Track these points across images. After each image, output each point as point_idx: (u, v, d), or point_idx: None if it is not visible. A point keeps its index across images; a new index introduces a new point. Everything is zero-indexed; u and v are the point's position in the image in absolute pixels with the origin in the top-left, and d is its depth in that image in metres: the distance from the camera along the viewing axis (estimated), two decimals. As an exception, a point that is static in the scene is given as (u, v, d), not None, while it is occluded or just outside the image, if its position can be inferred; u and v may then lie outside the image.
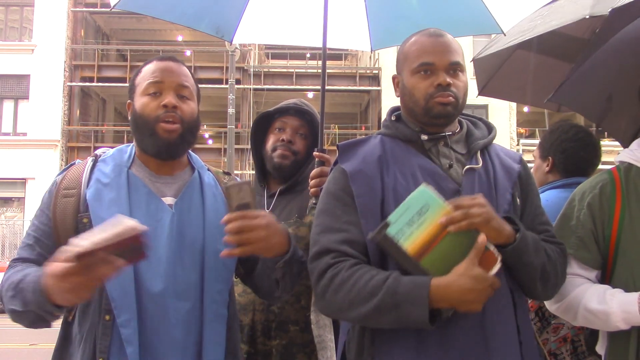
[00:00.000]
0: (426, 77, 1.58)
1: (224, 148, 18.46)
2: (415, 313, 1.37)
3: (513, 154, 1.72)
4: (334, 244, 1.50)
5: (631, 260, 1.70)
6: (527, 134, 22.26)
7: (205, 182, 1.70)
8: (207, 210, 1.65)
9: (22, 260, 1.57)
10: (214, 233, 1.61)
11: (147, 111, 1.61)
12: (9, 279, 1.50)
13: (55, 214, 1.57)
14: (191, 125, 1.65)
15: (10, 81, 19.56)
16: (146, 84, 1.64)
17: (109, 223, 1.31)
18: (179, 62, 1.71)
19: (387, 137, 1.66)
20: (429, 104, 1.58)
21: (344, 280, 1.44)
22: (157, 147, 1.62)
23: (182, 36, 22.61)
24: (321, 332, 2.08)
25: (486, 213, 1.43)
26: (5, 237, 17.80)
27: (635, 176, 1.76)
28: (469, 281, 1.37)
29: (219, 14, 2.57)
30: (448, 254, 1.41)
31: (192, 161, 1.76)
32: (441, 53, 1.58)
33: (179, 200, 1.63)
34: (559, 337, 2.18)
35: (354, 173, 1.57)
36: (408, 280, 1.40)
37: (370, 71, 21.52)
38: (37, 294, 1.38)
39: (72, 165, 1.69)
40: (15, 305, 1.45)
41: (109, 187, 1.58)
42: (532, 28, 2.57)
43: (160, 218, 1.58)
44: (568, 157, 2.44)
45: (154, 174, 1.66)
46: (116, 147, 1.73)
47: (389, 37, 2.62)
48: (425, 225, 1.41)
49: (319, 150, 2.16)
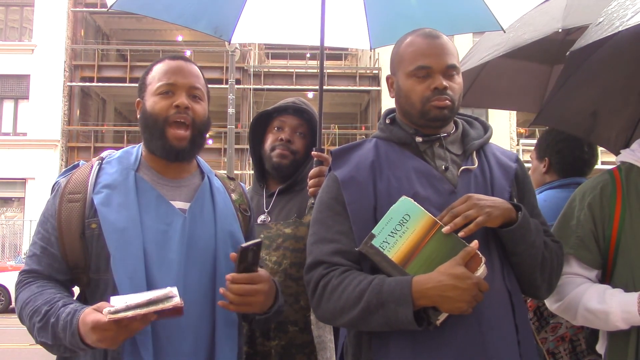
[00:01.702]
0: (423, 80, 1.58)
1: (224, 148, 18.46)
2: (401, 312, 1.39)
3: (509, 153, 1.73)
4: (326, 255, 1.53)
5: (631, 260, 1.70)
6: (527, 134, 22.25)
7: (215, 187, 1.71)
8: (218, 216, 1.65)
9: (32, 273, 1.56)
10: (225, 238, 1.63)
11: (158, 110, 1.61)
12: (29, 301, 1.50)
13: (60, 219, 1.55)
14: (202, 127, 1.66)
15: (10, 81, 19.56)
16: (158, 84, 1.63)
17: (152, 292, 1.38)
18: (190, 62, 1.70)
19: (381, 141, 1.67)
20: (425, 107, 1.58)
21: (334, 288, 1.48)
22: (166, 150, 1.62)
23: (182, 36, 22.63)
24: (321, 333, 2.08)
25: (483, 209, 1.45)
26: (5, 237, 17.81)
27: (636, 176, 1.76)
28: (449, 278, 1.37)
29: (217, 14, 2.56)
30: (432, 259, 1.44)
31: (201, 165, 1.76)
32: (438, 56, 1.58)
33: (193, 205, 1.62)
34: (557, 337, 2.19)
35: (346, 180, 1.58)
36: (392, 279, 1.43)
37: (370, 71, 21.51)
38: (69, 333, 1.40)
39: (76, 168, 1.67)
40: (46, 338, 1.46)
41: (117, 191, 1.56)
42: (504, 42, 2.58)
43: (170, 222, 1.57)
44: (564, 157, 2.45)
45: (161, 176, 1.65)
46: (122, 149, 1.71)
47: (388, 34, 2.60)
48: (407, 234, 1.46)
49: (317, 149, 2.16)
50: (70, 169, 1.69)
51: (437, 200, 1.53)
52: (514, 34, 2.59)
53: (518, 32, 2.59)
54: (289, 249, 2.09)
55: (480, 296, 1.39)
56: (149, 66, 1.71)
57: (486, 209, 1.45)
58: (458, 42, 16.00)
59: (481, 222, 1.45)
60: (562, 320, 2.16)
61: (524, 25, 2.61)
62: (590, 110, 2.32)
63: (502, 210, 1.48)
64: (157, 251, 1.52)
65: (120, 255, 1.49)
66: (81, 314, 1.40)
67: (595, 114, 2.32)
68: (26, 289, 1.53)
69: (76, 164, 1.70)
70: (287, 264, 2.08)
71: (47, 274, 1.55)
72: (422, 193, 1.53)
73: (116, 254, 1.49)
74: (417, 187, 1.55)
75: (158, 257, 1.52)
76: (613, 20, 1.58)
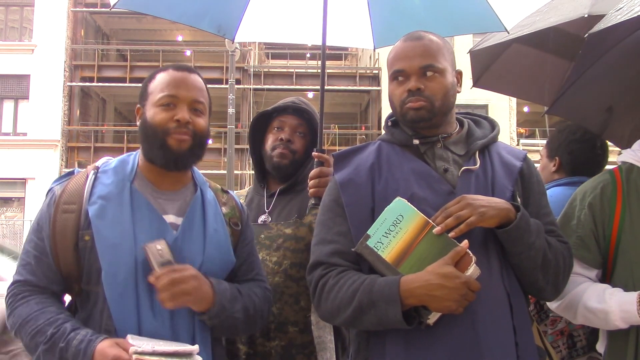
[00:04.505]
0: (400, 83, 1.62)
1: (224, 148, 18.44)
2: (390, 311, 1.40)
3: (517, 151, 1.71)
4: (325, 256, 1.56)
5: (631, 260, 1.70)
6: (527, 134, 22.26)
7: (207, 200, 1.70)
8: (207, 231, 1.65)
9: (28, 285, 1.53)
10: (212, 255, 1.63)
11: (158, 122, 1.59)
12: (30, 319, 1.47)
13: (54, 229, 1.54)
14: (202, 140, 1.65)
15: (10, 81, 19.56)
16: (160, 95, 1.61)
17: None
18: (195, 73, 1.69)
19: (385, 143, 1.69)
20: (402, 109, 1.61)
21: (331, 288, 1.52)
22: (166, 158, 1.61)
23: (182, 36, 22.62)
24: (321, 333, 2.08)
25: (476, 209, 1.45)
26: (5, 237, 17.78)
27: (637, 177, 1.76)
28: (436, 278, 1.39)
29: (220, 13, 2.56)
30: (424, 258, 1.45)
31: (195, 177, 1.75)
32: (411, 58, 1.60)
33: (184, 222, 1.62)
34: (556, 330, 2.19)
35: (344, 183, 1.61)
36: (382, 279, 1.46)
37: (370, 71, 21.52)
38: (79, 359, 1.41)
39: (72, 176, 1.65)
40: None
41: (111, 204, 1.56)
42: (530, 24, 2.57)
43: (161, 238, 1.56)
44: (575, 158, 2.44)
45: (156, 189, 1.64)
46: (118, 158, 1.70)
47: (392, 35, 2.60)
48: (400, 234, 1.48)
49: (317, 150, 2.15)
50: (65, 176, 1.67)
51: (435, 201, 1.53)
52: (541, 17, 2.58)
53: (545, 15, 2.58)
54: (289, 249, 2.08)
55: (471, 295, 1.40)
56: (152, 73, 1.69)
57: (480, 209, 1.45)
58: (458, 42, 16.01)
59: (473, 222, 1.44)
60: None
61: (551, 10, 2.60)
62: (606, 105, 2.31)
63: (498, 210, 1.47)
64: (148, 268, 1.51)
65: (112, 270, 1.49)
66: (97, 344, 1.41)
67: (611, 109, 2.31)
68: (24, 304, 1.50)
69: (71, 171, 1.69)
70: (287, 264, 2.07)
71: (42, 285, 1.53)
72: (419, 194, 1.54)
73: (108, 270, 1.49)
74: (414, 188, 1.55)
75: (148, 274, 1.51)
76: (634, 5, 1.57)
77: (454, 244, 1.44)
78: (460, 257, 1.42)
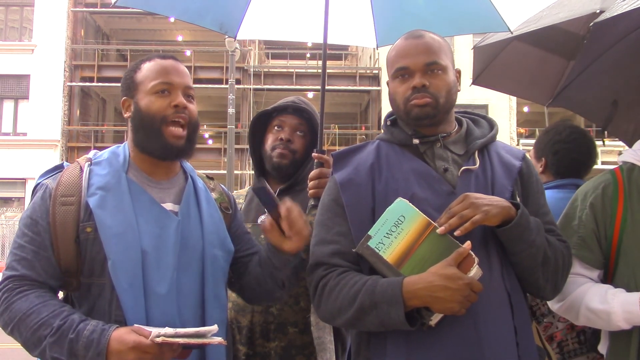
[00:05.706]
0: (404, 80, 1.61)
1: (224, 148, 18.46)
2: (393, 312, 1.40)
3: (516, 151, 1.71)
4: (325, 257, 1.56)
5: (633, 260, 1.70)
6: (527, 134, 22.26)
7: (198, 187, 1.71)
8: (203, 216, 1.65)
9: (25, 279, 1.47)
10: (211, 239, 1.63)
11: (155, 109, 1.59)
12: (31, 313, 1.42)
13: (54, 223, 1.51)
14: (195, 126, 1.66)
15: (10, 81, 19.57)
16: (154, 82, 1.61)
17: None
18: (180, 61, 1.70)
19: (384, 142, 1.68)
20: (407, 107, 1.60)
21: (331, 289, 1.51)
22: (166, 150, 1.61)
23: (182, 36, 22.63)
24: (321, 334, 2.07)
25: (480, 208, 1.44)
26: (5, 237, 17.78)
27: (638, 177, 1.76)
28: (439, 279, 1.38)
29: (222, 10, 2.56)
30: (426, 259, 1.45)
31: (184, 165, 1.75)
32: (415, 55, 1.60)
33: (182, 207, 1.63)
34: (547, 336, 2.19)
35: (344, 182, 1.61)
36: (384, 280, 1.45)
37: (370, 71, 21.53)
38: (93, 352, 1.37)
39: (62, 169, 1.63)
40: (59, 354, 1.39)
41: (111, 193, 1.55)
42: (537, 20, 2.55)
43: (164, 225, 1.56)
44: (560, 158, 2.42)
45: (150, 178, 1.64)
46: (108, 149, 1.69)
47: (395, 33, 2.58)
48: (402, 235, 1.47)
49: (317, 151, 2.15)
50: (53, 169, 1.65)
51: (435, 201, 1.53)
52: (548, 13, 2.56)
53: (552, 11, 2.57)
54: (289, 249, 2.07)
55: (473, 297, 1.39)
56: (135, 64, 1.68)
57: (483, 208, 1.45)
58: (458, 42, 16.00)
59: (478, 220, 1.44)
60: (555, 322, 2.16)
61: (558, 6, 2.58)
62: (611, 98, 2.30)
63: (500, 208, 1.47)
64: (154, 255, 1.51)
65: (120, 260, 1.47)
66: (111, 332, 1.38)
67: (616, 103, 2.29)
68: (22, 298, 1.44)
69: (59, 165, 1.67)
70: (287, 264, 2.06)
71: (41, 280, 1.48)
72: (420, 194, 1.54)
73: (115, 259, 1.47)
74: (415, 188, 1.55)
75: (155, 261, 1.51)
76: None
77: (456, 245, 1.43)
78: (462, 258, 1.41)
